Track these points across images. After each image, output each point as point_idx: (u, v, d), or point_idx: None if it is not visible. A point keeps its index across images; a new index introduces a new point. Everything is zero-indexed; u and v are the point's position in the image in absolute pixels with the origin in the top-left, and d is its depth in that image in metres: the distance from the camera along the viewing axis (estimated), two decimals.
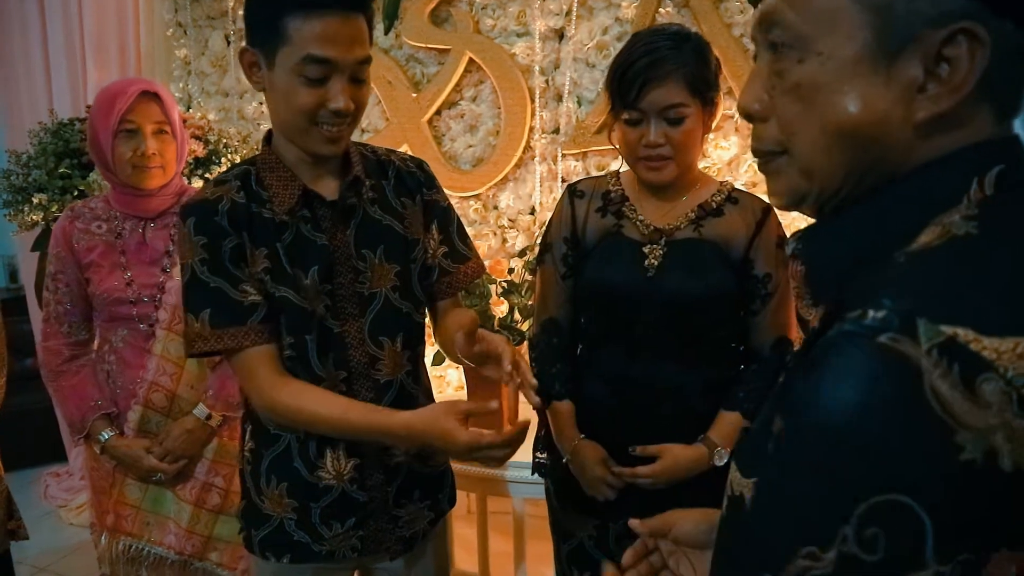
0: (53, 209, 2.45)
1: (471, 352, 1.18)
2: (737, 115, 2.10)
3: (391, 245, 1.29)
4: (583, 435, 1.50)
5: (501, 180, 2.44)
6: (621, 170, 1.55)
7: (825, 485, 0.48)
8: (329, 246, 1.24)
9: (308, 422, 1.22)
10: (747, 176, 2.20)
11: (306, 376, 1.24)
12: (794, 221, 1.93)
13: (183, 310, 1.22)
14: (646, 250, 1.45)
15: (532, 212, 2.44)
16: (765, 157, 0.65)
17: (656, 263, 1.44)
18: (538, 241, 2.03)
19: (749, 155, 2.12)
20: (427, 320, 1.41)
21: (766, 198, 1.43)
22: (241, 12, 2.69)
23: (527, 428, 1.17)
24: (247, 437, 1.35)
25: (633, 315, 1.44)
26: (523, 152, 2.41)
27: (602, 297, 1.49)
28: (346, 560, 1.34)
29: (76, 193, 2.47)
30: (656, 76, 1.33)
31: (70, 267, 1.75)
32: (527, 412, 2.09)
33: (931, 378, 0.45)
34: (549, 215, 1.65)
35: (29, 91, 3.48)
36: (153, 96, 1.71)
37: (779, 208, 0.69)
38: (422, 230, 1.35)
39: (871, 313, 0.48)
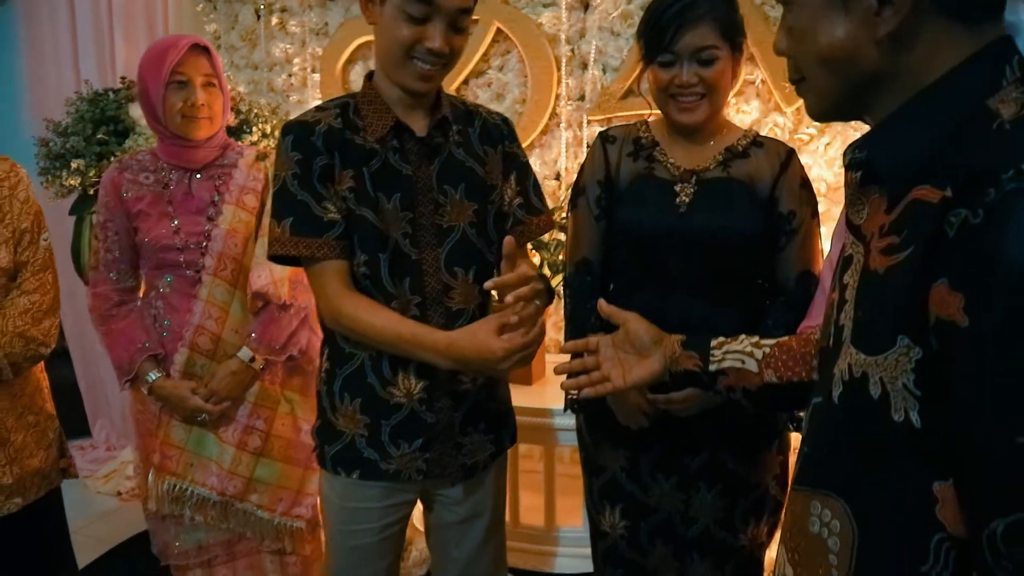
0: (91, 174, 2.52)
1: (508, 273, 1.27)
2: (758, 80, 2.17)
3: (471, 185, 1.38)
4: None
5: (528, 146, 2.50)
6: (650, 119, 1.62)
7: None
8: (413, 177, 1.34)
9: (364, 331, 1.30)
10: None
11: (379, 295, 1.33)
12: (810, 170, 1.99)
13: (272, 217, 1.33)
14: (677, 188, 1.52)
15: (558, 177, 2.50)
16: (795, 84, 0.83)
17: (687, 200, 1.50)
18: (564, 203, 2.10)
19: (770, 118, 2.19)
20: None
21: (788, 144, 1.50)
22: None
23: (541, 311, 1.28)
24: (323, 358, 1.44)
25: (666, 253, 1.50)
26: (549, 119, 2.48)
27: (636, 236, 1.55)
28: (411, 482, 1.41)
29: (113, 158, 2.54)
30: (689, 19, 1.40)
31: (119, 216, 1.82)
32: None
33: None
34: (574, 179, 1.71)
35: (56, 66, 3.53)
36: (202, 50, 1.78)
37: (813, 119, 0.85)
38: (501, 178, 1.44)
39: None
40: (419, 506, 1.55)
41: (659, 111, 1.54)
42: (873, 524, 0.76)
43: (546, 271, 2.11)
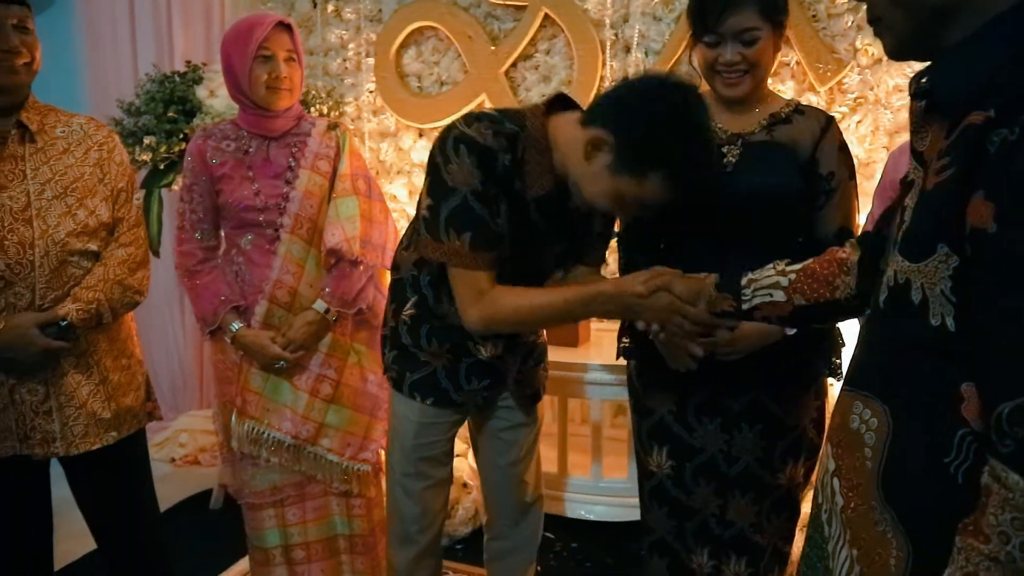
0: (161, 150, 2.69)
1: None
2: (793, 62, 2.29)
3: (574, 241, 1.62)
4: None
5: None
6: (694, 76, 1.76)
7: None
8: (540, 231, 1.52)
9: (528, 312, 1.46)
10: None
11: None
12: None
13: (446, 227, 1.42)
14: (724, 150, 1.65)
15: None
16: (874, 25, 0.90)
17: (734, 160, 1.64)
18: None
19: (804, 98, 2.31)
20: None
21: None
22: None
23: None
24: (408, 306, 1.63)
25: (711, 215, 1.64)
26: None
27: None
28: (470, 410, 1.67)
29: (182, 136, 2.71)
30: (734, 3, 1.53)
31: (203, 180, 1.98)
32: None
33: None
34: None
35: (115, 56, 3.66)
36: (286, 27, 1.94)
37: (891, 58, 0.92)
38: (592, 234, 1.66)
39: None
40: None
41: (707, 84, 1.68)
42: (904, 419, 0.85)
43: None
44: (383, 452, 2.04)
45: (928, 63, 0.86)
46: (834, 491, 0.94)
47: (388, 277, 2.17)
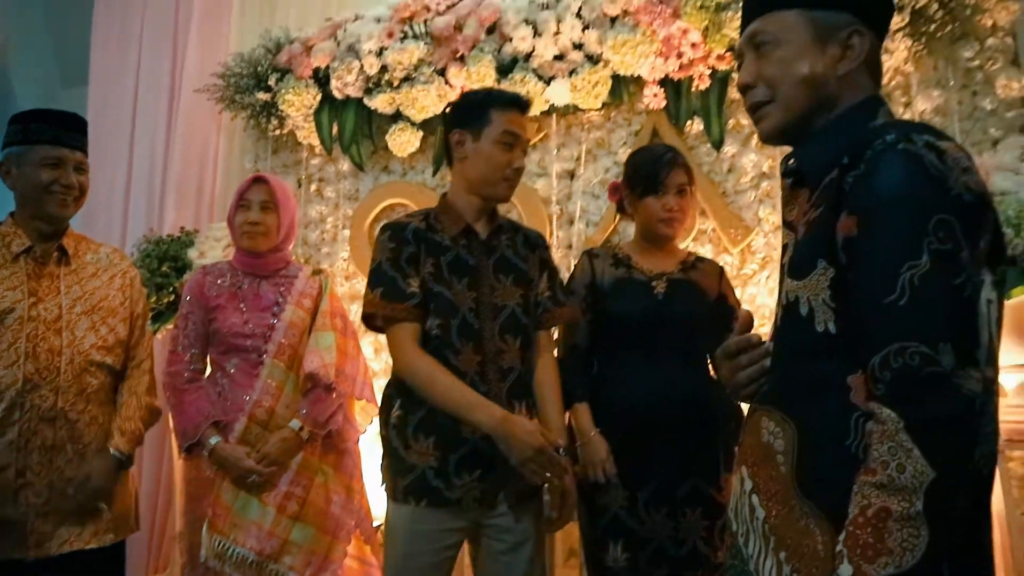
0: (151, 301, 2.95)
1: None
2: (709, 229, 2.72)
3: (518, 276, 1.86)
4: (597, 430, 1.94)
5: None
6: (621, 242, 2.17)
7: (907, 224, 0.88)
8: (476, 266, 1.80)
9: (432, 386, 1.68)
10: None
11: (449, 352, 1.72)
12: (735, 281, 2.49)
13: (368, 286, 1.77)
14: (653, 284, 2.02)
15: None
16: (757, 109, 1.13)
17: (663, 290, 2.00)
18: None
19: (720, 258, 2.72)
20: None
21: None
22: (311, 159, 3.39)
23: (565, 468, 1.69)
24: (395, 408, 1.77)
25: (651, 328, 1.97)
26: None
27: (624, 323, 2.01)
28: (468, 510, 1.71)
29: (171, 289, 2.98)
30: (676, 163, 2.01)
31: (199, 311, 2.24)
32: None
33: (928, 157, 0.90)
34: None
35: (107, 220, 3.88)
36: (263, 181, 2.29)
37: (764, 142, 1.17)
38: (537, 275, 1.92)
39: (888, 138, 0.93)
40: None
41: (641, 232, 2.09)
42: (806, 419, 0.99)
43: None
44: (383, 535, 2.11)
45: (792, 148, 1.13)
46: (753, 507, 1.04)
47: (356, 407, 2.40)
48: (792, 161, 1.11)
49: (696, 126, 2.82)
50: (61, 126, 1.99)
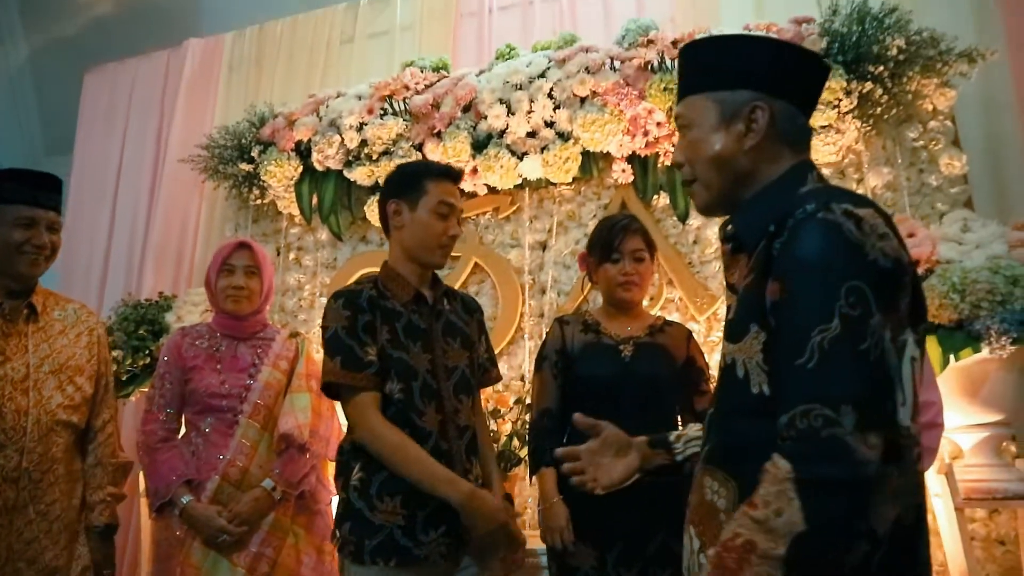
0: (127, 363, 2.97)
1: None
2: (677, 298, 2.83)
3: (464, 339, 1.92)
4: (560, 496, 1.97)
5: (498, 353, 3.04)
6: (591, 309, 2.25)
7: (821, 290, 0.93)
8: (428, 330, 1.85)
9: (396, 453, 1.69)
10: None
11: (412, 411, 1.75)
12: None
13: (326, 354, 1.77)
14: (621, 348, 2.09)
15: (522, 379, 3.03)
16: (688, 186, 1.22)
17: (630, 354, 2.07)
18: (527, 394, 2.63)
19: (688, 325, 2.82)
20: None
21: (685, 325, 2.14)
22: (290, 228, 3.48)
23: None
24: (355, 471, 1.75)
25: (617, 392, 2.03)
26: (515, 332, 3.07)
27: (594, 383, 2.07)
28: (436, 565, 1.71)
29: (148, 352, 3.00)
30: (630, 230, 2.11)
31: (175, 371, 2.27)
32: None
33: (846, 225, 0.95)
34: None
35: (84, 283, 3.95)
36: (247, 247, 2.37)
37: (702, 214, 1.27)
38: (477, 338, 1.98)
39: (808, 207, 0.98)
40: None
41: (605, 299, 2.17)
42: (745, 474, 0.99)
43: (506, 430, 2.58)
44: None
45: (727, 216, 1.19)
46: (701, 564, 1.06)
47: (329, 468, 2.42)
48: (729, 227, 1.17)
49: (663, 200, 2.97)
50: (36, 186, 2.02)
